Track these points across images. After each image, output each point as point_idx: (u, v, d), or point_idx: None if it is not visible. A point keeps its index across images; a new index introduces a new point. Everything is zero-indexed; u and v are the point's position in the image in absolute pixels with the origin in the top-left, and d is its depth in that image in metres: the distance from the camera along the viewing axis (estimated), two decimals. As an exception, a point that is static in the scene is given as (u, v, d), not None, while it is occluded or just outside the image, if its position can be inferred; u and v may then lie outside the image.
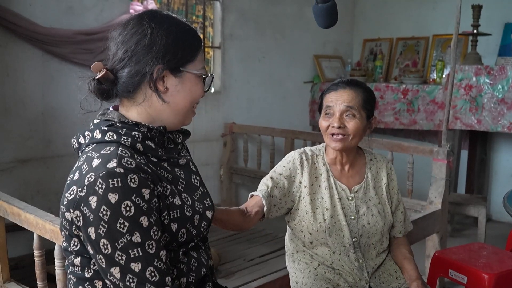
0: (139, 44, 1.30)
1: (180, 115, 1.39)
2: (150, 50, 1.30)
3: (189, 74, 1.36)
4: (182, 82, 1.35)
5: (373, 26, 5.83)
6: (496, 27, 4.72)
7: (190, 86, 1.37)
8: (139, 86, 1.32)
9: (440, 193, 3.35)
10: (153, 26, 1.31)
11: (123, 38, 1.33)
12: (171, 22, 1.35)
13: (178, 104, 1.36)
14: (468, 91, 4.26)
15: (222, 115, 4.80)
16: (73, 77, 3.66)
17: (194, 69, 1.36)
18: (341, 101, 1.92)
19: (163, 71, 1.31)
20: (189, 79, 1.36)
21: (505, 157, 5.01)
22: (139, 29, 1.31)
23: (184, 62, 1.34)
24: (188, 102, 1.38)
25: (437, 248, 3.30)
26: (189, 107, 1.39)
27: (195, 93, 1.39)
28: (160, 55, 1.30)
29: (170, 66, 1.32)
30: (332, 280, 1.93)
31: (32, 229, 1.86)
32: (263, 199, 1.91)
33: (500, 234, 4.36)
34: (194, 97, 1.39)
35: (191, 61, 1.36)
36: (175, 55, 1.32)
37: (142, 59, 1.30)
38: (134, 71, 1.30)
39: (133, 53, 1.30)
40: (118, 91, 1.34)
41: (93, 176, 1.18)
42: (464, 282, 2.43)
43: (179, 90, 1.35)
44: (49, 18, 3.52)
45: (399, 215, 2.08)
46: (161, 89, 1.33)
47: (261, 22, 5.04)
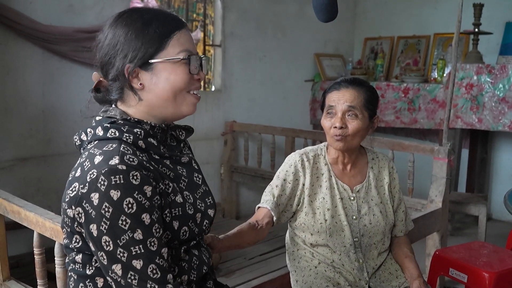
0: (109, 48, 1.30)
1: (170, 106, 1.34)
2: (116, 51, 1.29)
3: (161, 64, 1.30)
4: (155, 74, 1.31)
5: (374, 25, 5.82)
6: (497, 26, 4.71)
7: (167, 75, 1.31)
8: (123, 89, 1.32)
9: (440, 192, 3.34)
10: (115, 26, 1.30)
11: (100, 44, 1.33)
12: (134, 16, 1.31)
13: (160, 96, 1.32)
14: (469, 90, 4.25)
15: (223, 113, 4.79)
16: (73, 75, 3.69)
17: (167, 56, 1.30)
18: (343, 100, 1.91)
19: (131, 69, 1.29)
20: (163, 69, 1.31)
21: (506, 156, 5.01)
22: (108, 31, 1.31)
23: (151, 54, 1.29)
24: (169, 92, 1.32)
25: (437, 246, 3.29)
26: (172, 97, 1.33)
27: (175, 79, 1.32)
28: (124, 54, 1.28)
29: (136, 62, 1.28)
30: (333, 278, 1.93)
31: (32, 227, 1.86)
32: (271, 211, 1.92)
33: (500, 233, 4.36)
34: (175, 84, 1.32)
35: (162, 50, 1.30)
36: (137, 50, 1.28)
37: (115, 62, 1.29)
38: (114, 76, 1.31)
39: (108, 58, 1.30)
40: (111, 97, 1.34)
41: (95, 173, 1.18)
42: (465, 281, 2.43)
43: (156, 83, 1.31)
44: (49, 16, 3.51)
45: (400, 214, 2.08)
46: (137, 87, 1.31)
47: (262, 21, 5.03)
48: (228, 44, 4.77)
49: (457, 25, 3.23)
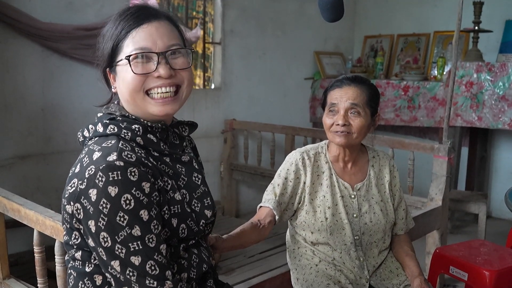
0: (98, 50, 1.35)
1: (135, 107, 1.33)
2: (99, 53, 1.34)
3: (119, 66, 1.30)
4: (118, 75, 1.32)
5: (374, 23, 5.82)
6: (497, 24, 4.70)
7: (123, 76, 1.29)
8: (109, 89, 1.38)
9: (440, 190, 3.35)
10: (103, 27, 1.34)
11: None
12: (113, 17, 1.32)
13: (122, 97, 1.34)
14: (469, 88, 4.25)
15: (223, 111, 4.79)
16: (73, 73, 3.68)
17: (122, 57, 1.28)
18: (346, 98, 1.90)
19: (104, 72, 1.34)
20: (121, 70, 1.29)
21: (506, 154, 5.01)
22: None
23: (114, 55, 1.30)
24: (125, 93, 1.30)
25: (437, 245, 3.29)
26: (130, 98, 1.30)
27: (126, 81, 1.28)
28: (101, 56, 1.32)
29: (107, 65, 1.32)
30: (333, 276, 1.93)
31: (32, 225, 1.86)
32: (273, 210, 1.92)
33: (500, 231, 4.37)
34: (128, 85, 1.29)
35: (120, 51, 1.29)
36: (106, 52, 1.30)
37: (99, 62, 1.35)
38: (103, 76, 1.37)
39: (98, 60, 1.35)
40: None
41: (93, 169, 1.18)
42: (465, 279, 2.43)
43: (119, 84, 1.32)
44: (49, 13, 3.50)
45: (401, 213, 2.08)
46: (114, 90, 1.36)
47: (262, 19, 5.03)
48: (227, 42, 4.76)
49: (457, 23, 3.22)
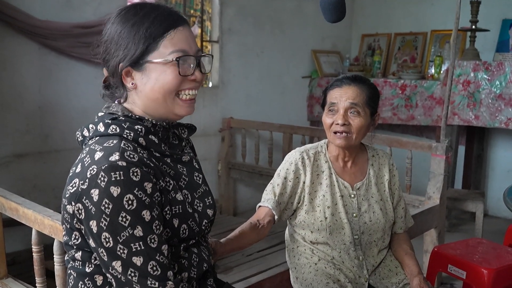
0: (106, 45, 1.30)
1: (160, 107, 1.33)
2: (110, 49, 1.29)
3: (152, 64, 1.28)
4: (146, 74, 1.29)
5: (372, 21, 5.82)
6: (494, 23, 4.72)
7: (156, 76, 1.29)
8: (120, 87, 1.33)
9: (438, 189, 3.35)
10: (113, 23, 1.30)
11: (102, 39, 1.33)
12: (129, 14, 1.29)
13: (149, 96, 1.31)
14: (466, 87, 4.26)
15: (220, 110, 4.78)
16: (70, 71, 3.67)
17: (158, 57, 1.28)
18: (345, 97, 1.90)
19: (123, 68, 1.28)
20: (154, 69, 1.29)
21: (502, 153, 5.02)
22: (106, 29, 1.32)
23: (141, 54, 1.27)
24: (158, 93, 1.30)
25: (435, 243, 3.30)
26: (162, 98, 1.31)
27: (164, 81, 1.29)
28: (117, 52, 1.28)
29: (128, 61, 1.27)
30: (333, 275, 1.93)
31: (30, 224, 1.85)
32: (273, 210, 1.92)
33: (497, 230, 4.38)
34: (164, 85, 1.29)
35: (154, 50, 1.28)
36: (129, 49, 1.27)
37: (110, 59, 1.30)
38: (111, 73, 1.31)
39: (105, 55, 1.31)
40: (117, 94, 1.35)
41: (95, 169, 1.18)
42: (463, 277, 2.44)
43: (146, 83, 1.30)
44: (46, 11, 3.49)
45: (400, 211, 2.08)
46: (129, 86, 1.31)
47: (260, 17, 5.02)
48: (225, 40, 4.75)
49: (455, 22, 3.23)
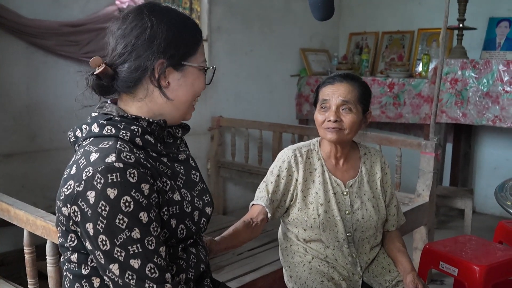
0: (139, 39, 1.28)
1: (182, 109, 1.38)
2: (150, 44, 1.28)
3: (191, 68, 1.34)
4: (184, 76, 1.34)
5: (359, 20, 5.84)
6: (481, 21, 4.75)
7: (193, 80, 1.35)
8: (140, 82, 1.31)
9: (428, 186, 3.37)
10: (153, 19, 1.29)
11: (122, 32, 1.30)
12: (171, 14, 1.33)
13: (181, 98, 1.35)
14: (453, 85, 4.29)
15: (209, 108, 4.76)
16: (58, 69, 3.63)
17: (195, 62, 1.35)
18: (337, 94, 1.91)
19: (165, 66, 1.30)
20: (191, 73, 1.35)
21: (489, 150, 5.07)
22: (139, 22, 1.29)
23: (185, 56, 1.33)
24: (190, 96, 1.37)
25: (424, 240, 3.32)
26: (191, 101, 1.38)
27: (197, 86, 1.38)
28: (161, 49, 1.28)
29: (172, 61, 1.30)
30: (327, 273, 1.93)
31: (22, 225, 1.83)
32: (266, 208, 1.92)
33: (485, 226, 4.43)
34: (196, 90, 1.38)
35: (193, 54, 1.34)
36: (177, 49, 1.30)
37: (143, 54, 1.28)
38: (135, 66, 1.28)
39: (133, 48, 1.28)
40: (118, 86, 1.32)
41: (91, 171, 1.17)
42: (455, 274, 2.46)
43: (181, 85, 1.34)
44: (34, 9, 3.45)
45: (392, 209, 2.10)
46: (164, 84, 1.31)
47: (249, 15, 5.01)
48: (214, 39, 4.74)
49: (444, 21, 3.25)
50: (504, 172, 4.78)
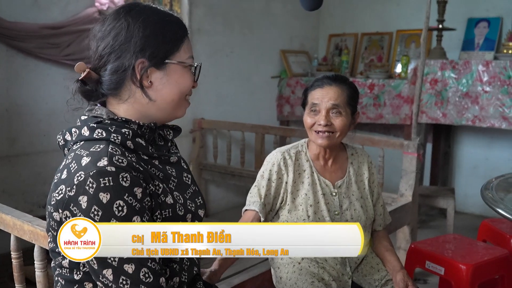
0: (116, 39, 1.26)
1: (169, 108, 1.34)
2: (128, 44, 1.26)
3: (174, 65, 1.30)
4: (167, 74, 1.30)
5: (338, 21, 5.88)
6: (460, 22, 4.83)
7: (177, 78, 1.31)
8: (123, 83, 1.28)
9: (410, 186, 3.41)
10: (129, 19, 1.27)
11: (102, 34, 1.29)
12: (150, 13, 1.30)
13: (165, 97, 1.31)
14: (433, 85, 4.34)
15: (191, 110, 4.72)
16: (39, 72, 3.58)
17: (179, 59, 1.31)
18: (327, 98, 1.92)
19: (146, 65, 1.27)
20: (175, 71, 1.31)
21: (468, 149, 5.14)
22: (116, 23, 1.27)
23: (167, 54, 1.29)
24: (175, 95, 1.32)
25: (408, 240, 3.35)
26: (177, 100, 1.33)
27: (183, 84, 1.33)
28: (139, 48, 1.26)
29: (152, 59, 1.27)
30: (317, 274, 1.94)
31: (9, 230, 1.80)
32: (259, 213, 1.92)
33: (465, 225, 4.48)
34: (182, 88, 1.33)
35: (175, 52, 1.31)
36: (156, 47, 1.27)
37: (122, 55, 1.26)
38: (115, 68, 1.27)
39: (112, 49, 1.26)
40: (103, 90, 1.30)
41: (83, 175, 1.15)
42: (442, 273, 2.48)
43: (165, 83, 1.30)
44: (14, 12, 3.39)
45: (379, 209, 2.12)
46: (146, 84, 1.29)
47: (229, 17, 5.01)
48: (195, 41, 4.71)
49: (425, 22, 3.29)
50: (484, 171, 4.86)
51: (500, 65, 4.02)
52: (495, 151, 4.96)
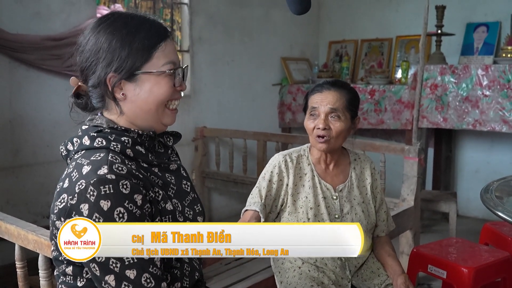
0: (90, 53, 1.27)
1: (150, 118, 1.32)
2: (98, 58, 1.26)
3: (146, 75, 1.27)
4: (139, 85, 1.28)
5: (338, 28, 5.90)
6: (458, 27, 4.84)
7: (150, 87, 1.28)
8: (105, 97, 1.30)
9: (412, 191, 3.41)
10: (101, 31, 1.26)
11: (81, 48, 1.29)
12: (119, 23, 1.27)
13: (142, 108, 1.30)
14: (433, 90, 4.36)
15: (193, 119, 4.77)
16: (41, 84, 3.62)
17: (152, 68, 1.28)
18: (326, 102, 1.95)
19: (116, 78, 1.26)
20: (148, 80, 1.28)
21: (469, 153, 5.15)
22: (90, 36, 1.28)
23: (135, 65, 1.26)
24: (152, 104, 1.29)
25: (411, 244, 3.36)
26: (155, 109, 1.30)
27: (158, 92, 1.29)
28: (107, 62, 1.25)
29: (120, 72, 1.25)
30: (317, 278, 1.95)
31: (13, 240, 1.82)
32: (260, 213, 1.92)
33: (468, 229, 4.48)
34: (158, 96, 1.29)
35: (147, 61, 1.27)
36: (123, 61, 1.25)
37: (96, 69, 1.26)
38: (93, 83, 1.28)
39: (88, 63, 1.27)
40: (94, 104, 1.32)
41: (84, 184, 1.16)
42: (444, 277, 2.48)
43: (138, 94, 1.28)
44: (16, 24, 3.43)
45: (382, 215, 2.12)
46: (119, 97, 1.28)
47: (229, 25, 5.04)
48: (196, 49, 4.75)
49: (423, 28, 3.31)
50: (485, 175, 4.85)
51: (500, 69, 4.04)
52: (496, 155, 4.97)
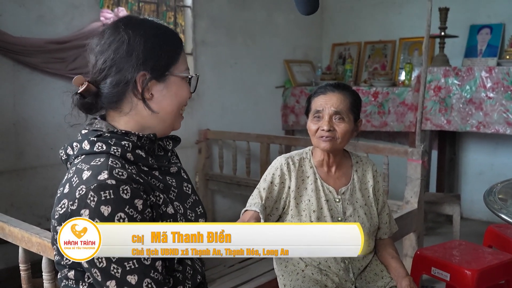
0: (117, 53, 1.27)
1: (169, 120, 1.36)
2: (129, 57, 1.27)
3: (173, 77, 1.33)
4: (167, 86, 1.32)
5: (341, 31, 5.90)
6: (462, 29, 4.84)
7: (176, 90, 1.34)
8: (124, 96, 1.30)
9: (416, 193, 3.40)
10: (130, 32, 1.28)
11: (100, 48, 1.30)
12: (148, 26, 1.32)
13: (166, 109, 1.33)
14: (437, 92, 4.35)
15: (196, 122, 4.77)
16: (44, 87, 3.63)
17: (178, 71, 1.34)
18: (330, 104, 1.95)
19: (147, 78, 1.29)
20: (174, 82, 1.33)
21: (473, 156, 5.14)
22: (116, 37, 1.29)
23: (167, 66, 1.32)
24: (175, 106, 1.35)
25: (414, 247, 3.35)
26: (176, 111, 1.36)
27: (181, 96, 1.36)
28: (141, 61, 1.27)
29: (153, 72, 1.29)
30: (320, 281, 1.95)
31: (17, 242, 1.82)
32: (260, 214, 1.91)
33: (472, 231, 4.47)
34: (181, 100, 1.36)
35: (174, 64, 1.33)
36: (157, 60, 1.30)
37: (123, 68, 1.27)
38: (116, 81, 1.28)
39: (113, 62, 1.28)
40: (103, 103, 1.31)
41: (84, 189, 1.16)
42: (447, 279, 2.48)
43: (165, 95, 1.32)
44: (20, 27, 3.45)
45: (384, 217, 2.12)
46: (147, 96, 1.30)
47: (232, 28, 5.05)
48: (199, 52, 4.76)
49: (426, 30, 3.30)
50: (489, 177, 4.84)
51: (503, 71, 4.03)
52: (500, 157, 4.95)
